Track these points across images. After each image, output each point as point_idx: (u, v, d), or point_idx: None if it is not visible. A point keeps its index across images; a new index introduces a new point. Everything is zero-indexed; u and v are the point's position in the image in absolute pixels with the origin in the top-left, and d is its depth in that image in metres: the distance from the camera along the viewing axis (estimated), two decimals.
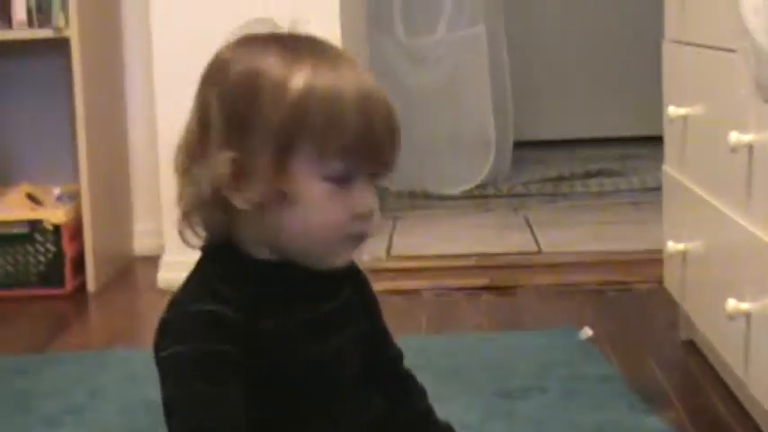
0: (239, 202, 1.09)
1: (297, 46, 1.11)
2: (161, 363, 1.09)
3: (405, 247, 3.25)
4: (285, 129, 1.08)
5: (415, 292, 2.85)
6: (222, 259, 1.12)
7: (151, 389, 1.14)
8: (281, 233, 1.10)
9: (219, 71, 1.12)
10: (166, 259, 2.98)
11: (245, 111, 1.09)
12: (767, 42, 1.42)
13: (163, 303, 1.13)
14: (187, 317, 1.09)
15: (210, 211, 1.11)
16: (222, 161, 1.09)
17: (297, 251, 1.11)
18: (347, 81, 1.09)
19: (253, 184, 1.09)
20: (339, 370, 1.15)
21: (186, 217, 1.13)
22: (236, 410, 1.07)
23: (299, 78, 1.08)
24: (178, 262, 2.96)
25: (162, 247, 3.02)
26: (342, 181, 1.09)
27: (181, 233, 1.14)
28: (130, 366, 2.32)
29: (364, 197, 1.10)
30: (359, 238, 1.12)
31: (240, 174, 1.09)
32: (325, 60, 1.10)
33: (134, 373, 2.28)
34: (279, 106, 1.07)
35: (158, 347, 1.09)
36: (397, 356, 1.26)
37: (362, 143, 1.08)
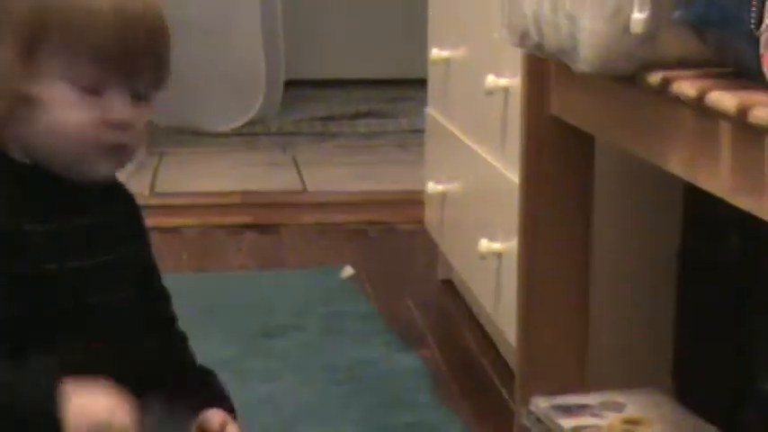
0: None
1: None
2: None
3: (169, 184, 3.19)
4: (32, 21, 1.01)
5: (178, 229, 2.80)
6: None
7: None
8: (30, 136, 1.04)
9: None
10: None
11: None
12: None
13: None
14: None
15: None
16: None
17: (46, 156, 1.05)
18: None
19: None
20: (101, 293, 1.08)
21: None
22: None
23: None
24: None
25: None
26: (94, 88, 1.03)
27: None
28: None
29: (116, 105, 1.04)
30: (115, 150, 1.05)
31: None
32: None
33: None
34: None
35: None
36: (167, 299, 1.21)
37: (115, 47, 1.02)
